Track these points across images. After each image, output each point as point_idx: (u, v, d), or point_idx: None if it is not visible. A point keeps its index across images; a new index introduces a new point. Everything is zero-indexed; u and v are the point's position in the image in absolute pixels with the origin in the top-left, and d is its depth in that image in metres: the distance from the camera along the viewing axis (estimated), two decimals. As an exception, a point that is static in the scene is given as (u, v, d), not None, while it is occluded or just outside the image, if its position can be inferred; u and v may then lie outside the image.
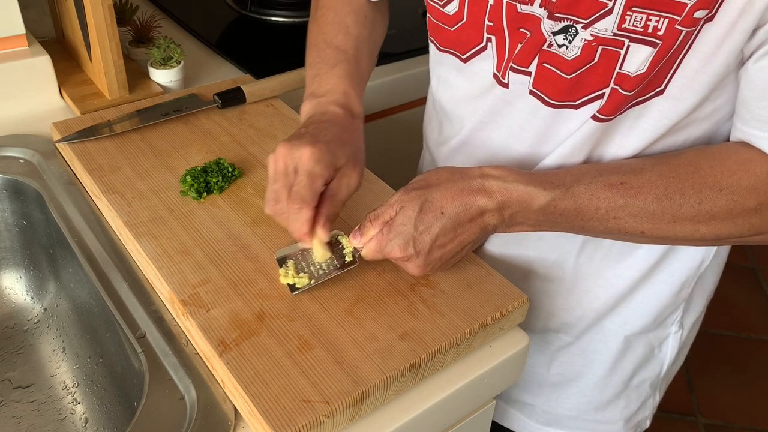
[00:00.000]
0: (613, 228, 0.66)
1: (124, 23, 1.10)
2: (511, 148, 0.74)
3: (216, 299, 0.65)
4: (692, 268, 0.80)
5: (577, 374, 0.88)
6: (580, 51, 0.64)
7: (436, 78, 0.82)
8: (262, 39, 1.26)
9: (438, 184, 0.65)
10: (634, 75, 0.63)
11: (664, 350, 0.88)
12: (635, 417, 0.93)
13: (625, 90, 0.64)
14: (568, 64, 0.65)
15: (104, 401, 0.80)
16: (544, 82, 0.68)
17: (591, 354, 0.85)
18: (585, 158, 0.71)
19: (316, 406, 0.56)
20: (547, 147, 0.72)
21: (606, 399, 0.89)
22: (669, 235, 0.66)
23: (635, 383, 0.89)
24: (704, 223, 0.64)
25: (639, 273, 0.79)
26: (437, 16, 0.75)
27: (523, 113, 0.71)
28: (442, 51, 0.77)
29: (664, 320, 0.84)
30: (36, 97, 0.98)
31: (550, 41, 0.65)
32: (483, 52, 0.72)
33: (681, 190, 0.64)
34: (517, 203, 0.65)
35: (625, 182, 0.65)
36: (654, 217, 0.64)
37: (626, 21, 0.60)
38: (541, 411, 0.92)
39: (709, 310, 0.95)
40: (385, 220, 0.65)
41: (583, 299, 0.81)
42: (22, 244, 0.90)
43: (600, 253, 0.78)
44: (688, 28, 0.59)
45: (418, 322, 0.64)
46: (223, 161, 0.82)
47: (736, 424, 1.90)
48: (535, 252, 0.79)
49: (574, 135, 0.69)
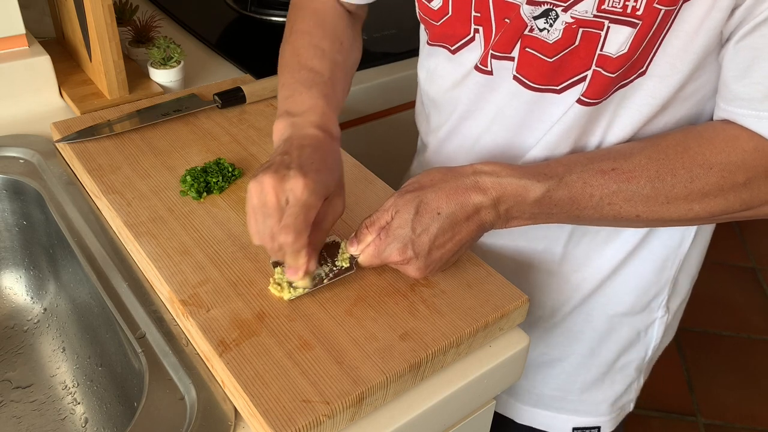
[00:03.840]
0: (609, 214, 0.66)
1: (124, 23, 1.10)
2: (497, 134, 0.75)
3: (216, 299, 0.65)
4: (672, 247, 0.81)
5: (561, 354, 0.89)
6: (561, 34, 0.65)
7: (425, 71, 0.83)
8: (262, 39, 1.26)
9: (432, 185, 0.65)
10: (615, 56, 0.64)
11: (650, 334, 0.89)
12: (620, 400, 0.94)
13: (609, 72, 0.65)
14: (550, 47, 0.66)
15: (104, 401, 0.80)
16: (528, 66, 0.69)
17: (576, 334, 0.87)
18: (573, 145, 0.71)
19: (316, 406, 0.56)
20: (532, 133, 0.73)
21: (590, 380, 0.90)
22: (664, 216, 0.66)
23: (620, 365, 0.90)
24: (697, 201, 0.65)
25: (623, 254, 0.80)
26: (424, 11, 0.76)
27: (506, 98, 0.72)
28: (432, 45, 0.78)
29: (650, 303, 0.85)
30: (36, 97, 0.98)
31: (531, 26, 0.66)
32: (471, 44, 0.73)
33: (672, 170, 0.65)
34: (512, 198, 0.65)
35: (617, 168, 0.65)
36: (648, 200, 0.65)
37: (605, 2, 0.61)
38: (526, 392, 0.93)
39: (709, 310, 0.96)
40: (381, 225, 0.65)
41: (570, 282, 0.82)
42: (22, 244, 0.90)
43: (587, 237, 0.79)
44: (666, 7, 0.60)
45: (418, 322, 0.64)
46: (223, 161, 0.82)
47: (736, 424, 1.90)
48: (525, 240, 0.81)
49: (560, 121, 0.70)
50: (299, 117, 0.69)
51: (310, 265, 0.63)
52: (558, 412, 0.93)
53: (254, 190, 0.62)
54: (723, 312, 2.22)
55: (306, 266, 0.62)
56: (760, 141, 0.64)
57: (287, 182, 0.60)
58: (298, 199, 0.60)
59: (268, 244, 0.62)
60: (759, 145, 0.64)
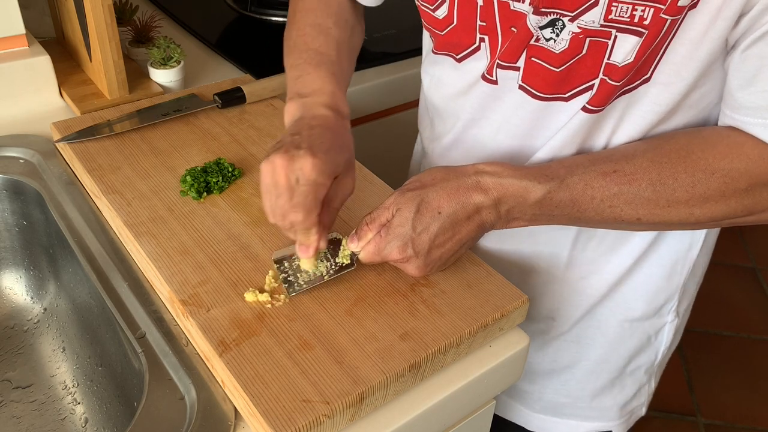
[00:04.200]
0: (609, 216, 0.66)
1: (124, 23, 1.10)
2: (502, 143, 0.75)
3: (216, 299, 0.65)
4: (681, 251, 0.81)
5: (572, 361, 0.88)
6: (568, 44, 0.65)
7: (429, 77, 0.83)
8: (262, 39, 1.26)
9: (433, 184, 0.65)
10: (621, 65, 0.64)
11: (660, 338, 0.88)
12: (630, 404, 0.93)
13: (614, 80, 0.65)
14: (556, 57, 0.66)
15: (104, 401, 0.80)
16: (533, 76, 0.69)
17: (586, 340, 0.86)
18: (577, 150, 0.71)
19: (316, 406, 0.56)
20: (538, 140, 0.73)
21: (601, 385, 0.90)
22: (665, 220, 0.66)
23: (630, 370, 0.89)
24: (698, 206, 0.65)
25: (631, 260, 0.80)
26: (429, 20, 0.76)
27: (512, 108, 0.72)
28: (437, 54, 0.78)
29: (661, 308, 0.85)
30: (36, 97, 0.98)
31: (537, 36, 0.66)
32: (476, 53, 0.72)
33: (674, 174, 0.64)
34: (513, 198, 0.65)
35: (618, 170, 0.65)
36: (649, 203, 0.65)
37: (612, 12, 0.61)
38: (536, 399, 0.92)
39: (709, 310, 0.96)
40: (381, 223, 0.65)
41: (578, 288, 0.82)
42: (22, 244, 0.90)
43: (593, 243, 0.79)
44: (672, 17, 0.60)
45: (418, 322, 0.64)
46: (223, 161, 0.82)
47: (736, 424, 1.90)
48: (530, 245, 0.80)
49: (565, 127, 0.70)
50: (309, 98, 0.71)
51: (321, 243, 0.65)
52: (568, 419, 0.92)
53: (266, 170, 0.63)
54: (723, 312, 2.22)
55: (317, 244, 0.64)
56: (765, 149, 0.63)
57: (297, 162, 0.61)
58: (308, 179, 0.61)
59: (280, 222, 0.63)
60: (764, 153, 0.63)
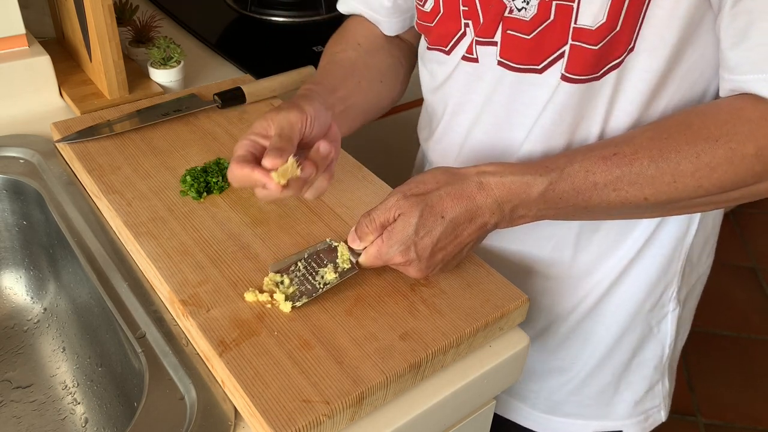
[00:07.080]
0: (615, 201, 0.65)
1: (124, 23, 1.10)
2: (487, 125, 0.75)
3: (216, 299, 0.65)
4: (678, 237, 0.80)
5: (574, 358, 0.88)
6: (536, 9, 0.66)
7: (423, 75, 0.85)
8: (262, 39, 1.26)
9: (437, 188, 0.65)
10: (595, 27, 0.64)
11: (664, 329, 0.87)
12: (643, 403, 0.91)
13: (591, 44, 0.65)
14: (527, 24, 0.67)
15: (104, 401, 0.80)
16: (510, 49, 0.70)
17: (589, 337, 0.86)
18: (570, 132, 0.71)
19: (316, 406, 0.56)
20: (520, 119, 0.73)
21: (606, 382, 0.89)
22: (673, 197, 0.64)
23: (635, 364, 0.88)
24: (706, 177, 0.63)
25: (633, 253, 0.79)
26: (420, 16, 0.78)
27: (492, 85, 0.73)
28: (431, 49, 0.79)
29: (661, 297, 0.84)
30: (36, 97, 0.98)
31: (510, 6, 0.67)
32: (462, 39, 0.74)
33: (676, 147, 0.63)
34: (516, 196, 0.65)
35: (618, 152, 0.64)
36: (654, 181, 0.64)
37: None
38: (542, 399, 0.92)
39: (709, 310, 0.96)
40: (381, 223, 0.65)
41: (580, 286, 0.82)
42: (22, 244, 0.90)
43: (596, 241, 0.79)
44: None
45: (418, 322, 0.64)
46: (223, 161, 0.82)
47: (736, 424, 1.90)
48: (532, 245, 0.80)
49: (551, 102, 0.70)
50: None
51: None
52: (575, 418, 0.91)
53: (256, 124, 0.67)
54: (723, 312, 2.22)
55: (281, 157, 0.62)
56: (766, 108, 0.61)
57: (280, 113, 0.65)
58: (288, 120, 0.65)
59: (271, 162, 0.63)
60: (765, 113, 0.61)
